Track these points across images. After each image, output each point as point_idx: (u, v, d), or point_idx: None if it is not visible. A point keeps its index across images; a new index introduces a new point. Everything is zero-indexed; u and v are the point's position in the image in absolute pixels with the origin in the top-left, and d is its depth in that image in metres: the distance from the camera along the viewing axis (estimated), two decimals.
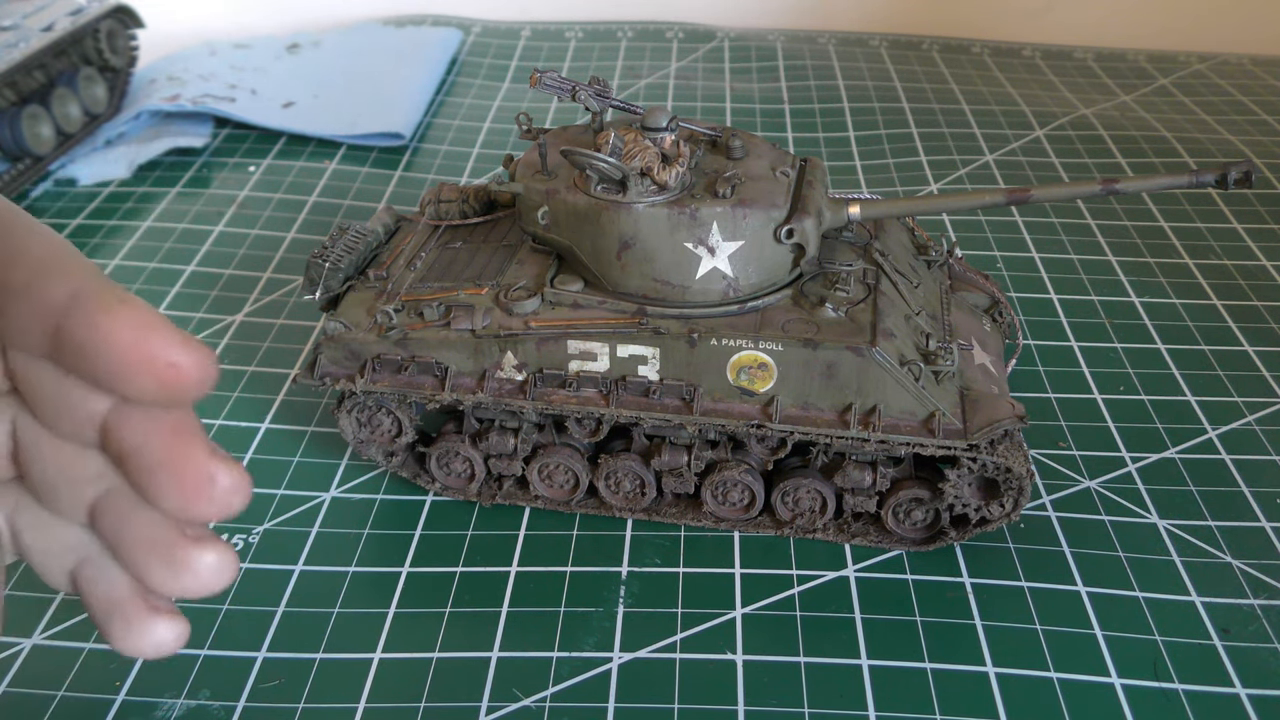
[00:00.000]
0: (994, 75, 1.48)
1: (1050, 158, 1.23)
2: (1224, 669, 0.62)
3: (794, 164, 0.68)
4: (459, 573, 0.70)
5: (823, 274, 0.67)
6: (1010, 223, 1.09)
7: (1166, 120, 1.32)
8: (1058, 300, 0.97)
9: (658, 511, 0.73)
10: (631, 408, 0.66)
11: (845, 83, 1.45)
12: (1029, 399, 0.84)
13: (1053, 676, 0.62)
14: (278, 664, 0.63)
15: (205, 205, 1.15)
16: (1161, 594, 0.67)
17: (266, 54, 1.50)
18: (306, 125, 1.28)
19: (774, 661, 0.63)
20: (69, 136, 1.23)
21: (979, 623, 0.65)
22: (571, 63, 1.53)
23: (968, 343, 0.71)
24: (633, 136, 0.64)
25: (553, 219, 0.67)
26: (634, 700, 0.61)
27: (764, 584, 0.68)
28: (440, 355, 0.67)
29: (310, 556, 0.71)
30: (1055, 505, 0.74)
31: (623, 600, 0.67)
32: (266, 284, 1.00)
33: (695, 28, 1.64)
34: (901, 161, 1.23)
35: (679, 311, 0.65)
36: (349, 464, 0.78)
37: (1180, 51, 1.56)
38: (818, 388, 0.64)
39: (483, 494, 0.75)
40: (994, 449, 0.63)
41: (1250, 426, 0.81)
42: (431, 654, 0.64)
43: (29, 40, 1.15)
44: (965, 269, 0.79)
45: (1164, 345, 0.91)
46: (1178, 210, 1.12)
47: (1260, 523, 0.72)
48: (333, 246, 0.73)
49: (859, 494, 0.69)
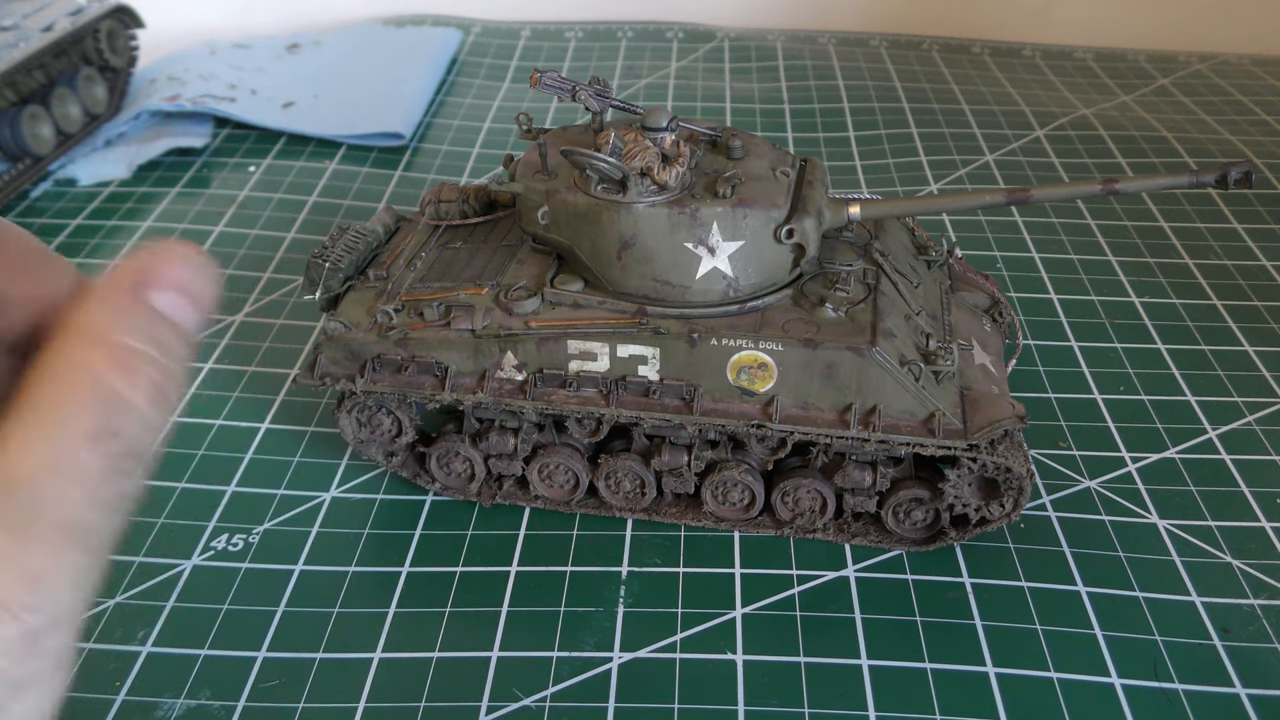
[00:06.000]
0: (994, 75, 1.48)
1: (1050, 158, 1.23)
2: (1224, 669, 0.62)
3: (794, 164, 0.68)
4: (459, 573, 0.70)
5: (823, 274, 0.67)
6: (1010, 223, 1.09)
7: (1166, 120, 1.32)
8: (1058, 300, 0.97)
9: (658, 511, 0.73)
10: (631, 408, 0.66)
11: (845, 83, 1.45)
12: (1029, 399, 0.84)
13: (1053, 676, 0.62)
14: (278, 664, 0.63)
15: (205, 205, 1.15)
16: (1161, 594, 0.67)
17: (266, 54, 1.50)
18: (306, 125, 1.28)
19: (774, 661, 0.63)
20: (69, 136, 1.23)
21: (979, 623, 0.65)
22: (571, 63, 1.53)
23: (968, 343, 0.71)
24: (633, 136, 0.64)
25: (553, 219, 0.67)
26: (634, 700, 0.61)
27: (764, 584, 0.68)
28: (440, 355, 0.67)
29: (310, 556, 0.71)
30: (1055, 505, 0.74)
31: (623, 600, 0.67)
32: (266, 284, 1.00)
33: (695, 28, 1.64)
34: (901, 161, 1.23)
35: (679, 311, 0.65)
36: (349, 464, 0.78)
37: (1180, 51, 1.56)
38: (818, 388, 0.64)
39: (483, 494, 0.75)
40: (994, 449, 0.63)
41: (1250, 426, 0.81)
42: (431, 654, 0.64)
43: (29, 40, 1.15)
44: (965, 269, 0.79)
45: (1164, 345, 0.91)
46: (1178, 210, 1.12)
47: (1260, 523, 0.72)
48: (333, 246, 0.73)
49: (859, 494, 0.69)
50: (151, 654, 0.64)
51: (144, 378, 0.31)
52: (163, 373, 0.31)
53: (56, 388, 0.29)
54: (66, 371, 0.30)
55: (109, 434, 0.29)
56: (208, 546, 0.72)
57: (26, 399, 0.29)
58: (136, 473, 0.30)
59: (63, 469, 0.28)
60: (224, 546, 0.72)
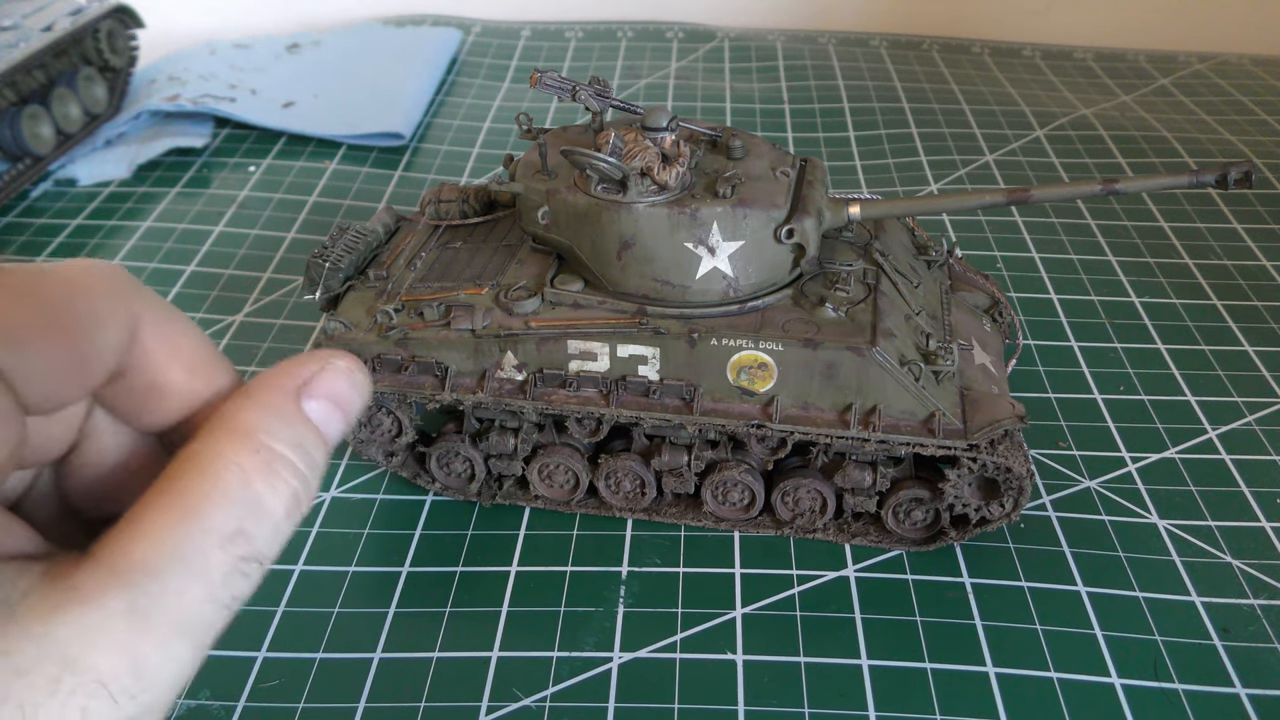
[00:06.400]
0: (994, 75, 1.48)
1: (1050, 158, 1.23)
2: (1224, 669, 0.62)
3: (794, 164, 0.68)
4: (459, 573, 0.70)
5: (823, 274, 0.67)
6: (1010, 223, 1.09)
7: (1166, 120, 1.32)
8: (1058, 300, 0.97)
9: (658, 511, 0.73)
10: (631, 408, 0.66)
11: (845, 83, 1.45)
12: (1029, 399, 0.84)
13: (1053, 676, 0.62)
14: (278, 664, 0.63)
15: (205, 205, 1.15)
16: (1161, 594, 0.67)
17: (266, 54, 1.50)
18: (306, 125, 1.28)
19: (774, 661, 0.63)
20: (69, 136, 1.23)
21: (979, 623, 0.65)
22: (571, 63, 1.53)
23: (968, 343, 0.71)
24: (633, 136, 0.64)
25: (553, 219, 0.67)
26: (634, 700, 0.61)
27: (764, 584, 0.68)
28: (440, 355, 0.67)
29: (310, 556, 0.71)
30: (1055, 505, 0.74)
31: (623, 600, 0.67)
32: (266, 284, 1.00)
33: (695, 28, 1.64)
34: (901, 161, 1.23)
35: (679, 311, 0.65)
36: (349, 464, 0.78)
37: (1180, 51, 1.56)
38: (818, 388, 0.64)
39: (483, 494, 0.75)
40: (994, 449, 0.63)
41: (1250, 426, 0.81)
42: (431, 654, 0.64)
43: (29, 40, 1.15)
44: (965, 269, 0.79)
45: (1164, 345, 0.91)
46: (1178, 210, 1.12)
47: (1260, 523, 0.72)
48: (333, 246, 0.73)
49: (859, 494, 0.69)
50: None
51: (285, 485, 0.31)
52: (302, 482, 0.31)
53: (201, 481, 0.29)
54: (213, 466, 0.30)
55: (241, 536, 0.29)
56: None
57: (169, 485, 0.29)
58: (256, 577, 0.30)
59: (191, 565, 0.28)
60: None
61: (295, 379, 0.33)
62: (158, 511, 0.28)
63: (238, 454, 0.30)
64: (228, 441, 0.30)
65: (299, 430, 0.32)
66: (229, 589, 0.29)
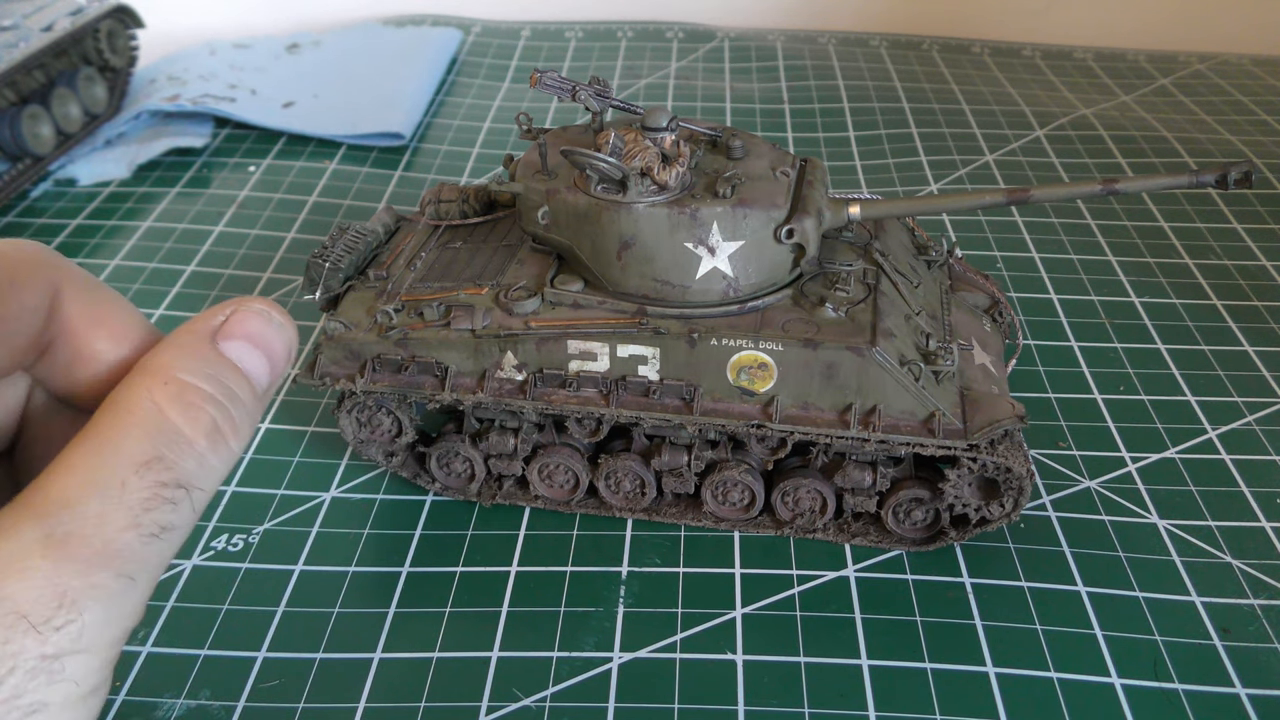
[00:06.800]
0: (994, 75, 1.48)
1: (1050, 158, 1.23)
2: (1224, 669, 0.62)
3: (794, 164, 0.68)
4: (459, 573, 0.70)
5: (823, 274, 0.67)
6: (1010, 223, 1.09)
7: (1166, 120, 1.32)
8: (1058, 300, 0.97)
9: (658, 511, 0.73)
10: (631, 408, 0.66)
11: (845, 83, 1.45)
12: (1029, 399, 0.84)
13: (1053, 676, 0.62)
14: (278, 664, 0.63)
15: (205, 205, 1.15)
16: (1161, 594, 0.67)
17: (266, 54, 1.50)
18: (306, 125, 1.28)
19: (774, 661, 0.63)
20: (69, 136, 1.23)
21: (979, 623, 0.65)
22: (571, 63, 1.53)
23: (968, 343, 0.71)
24: (633, 136, 0.64)
25: (553, 219, 0.67)
26: (634, 700, 0.61)
27: (764, 584, 0.68)
28: (440, 355, 0.67)
29: (310, 556, 0.71)
30: (1055, 505, 0.74)
31: (623, 600, 0.67)
32: (266, 284, 1.00)
33: (695, 28, 1.64)
34: (901, 161, 1.23)
35: (679, 311, 0.65)
36: (349, 464, 0.78)
37: (1180, 51, 1.56)
38: (818, 388, 0.64)
39: (483, 494, 0.75)
40: (994, 449, 0.63)
41: (1250, 426, 0.81)
42: (431, 654, 0.64)
43: (29, 40, 1.15)
44: (965, 269, 0.79)
45: (1164, 345, 0.91)
46: (1178, 210, 1.12)
47: (1260, 523, 0.72)
48: (333, 246, 0.73)
49: (859, 494, 0.69)
50: (152, 654, 0.64)
51: (202, 414, 0.31)
52: (223, 415, 0.32)
53: (115, 416, 0.30)
54: (126, 401, 0.30)
55: (159, 462, 0.29)
56: (208, 546, 0.72)
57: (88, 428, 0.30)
58: (184, 506, 0.30)
59: (106, 491, 0.28)
60: (224, 546, 0.72)
61: (209, 323, 0.34)
62: (73, 450, 0.29)
63: (150, 389, 0.31)
64: (140, 379, 0.31)
65: (213, 365, 0.33)
66: (153, 516, 0.29)
